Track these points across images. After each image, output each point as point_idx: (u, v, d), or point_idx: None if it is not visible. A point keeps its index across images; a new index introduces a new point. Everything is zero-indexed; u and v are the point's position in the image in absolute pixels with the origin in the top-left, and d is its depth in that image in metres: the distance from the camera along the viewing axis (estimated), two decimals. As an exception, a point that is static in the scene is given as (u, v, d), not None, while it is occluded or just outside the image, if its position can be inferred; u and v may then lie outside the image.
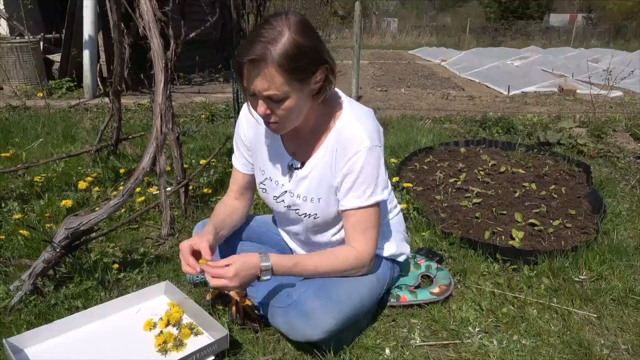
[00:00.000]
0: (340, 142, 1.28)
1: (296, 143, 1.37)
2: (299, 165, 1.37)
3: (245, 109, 1.44)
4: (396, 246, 1.53)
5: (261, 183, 1.47)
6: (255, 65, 1.12)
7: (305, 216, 1.40)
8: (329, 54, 1.21)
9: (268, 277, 1.26)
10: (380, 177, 1.30)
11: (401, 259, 1.57)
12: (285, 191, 1.41)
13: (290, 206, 1.42)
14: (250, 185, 1.54)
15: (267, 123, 1.25)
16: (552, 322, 1.54)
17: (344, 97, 1.34)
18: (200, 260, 1.24)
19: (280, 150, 1.40)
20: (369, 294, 1.42)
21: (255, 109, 1.22)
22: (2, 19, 5.83)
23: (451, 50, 14.63)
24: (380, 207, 1.35)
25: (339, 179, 1.30)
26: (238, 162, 1.53)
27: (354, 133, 1.26)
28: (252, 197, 1.60)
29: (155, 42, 1.95)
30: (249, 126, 1.45)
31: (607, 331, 1.51)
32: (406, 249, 1.59)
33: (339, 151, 1.28)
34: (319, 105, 1.29)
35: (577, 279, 1.77)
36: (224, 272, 1.19)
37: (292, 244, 1.60)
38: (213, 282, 1.21)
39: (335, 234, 1.44)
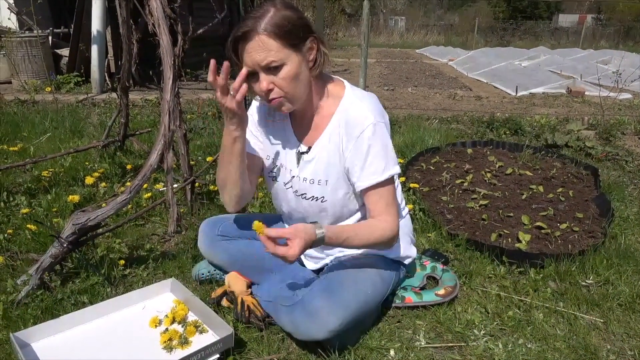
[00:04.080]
0: (346, 123, 1.32)
1: (303, 129, 1.40)
2: (305, 150, 1.39)
3: (254, 103, 1.48)
4: (403, 248, 1.53)
5: (271, 171, 1.48)
6: (247, 38, 1.19)
7: (313, 199, 1.40)
8: (315, 28, 1.27)
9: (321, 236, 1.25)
10: (390, 151, 1.33)
11: (407, 261, 1.57)
12: (294, 176, 1.42)
13: (297, 191, 1.43)
14: (254, 168, 1.48)
15: (272, 101, 1.26)
16: (558, 326, 1.53)
17: (346, 83, 1.39)
18: (261, 229, 1.20)
19: (290, 138, 1.42)
20: (373, 295, 1.42)
21: (257, 91, 1.25)
22: (11, 13, 5.85)
23: (459, 49, 14.54)
24: (395, 180, 1.38)
25: (348, 158, 1.32)
26: (249, 144, 1.50)
27: (358, 112, 1.31)
28: (256, 183, 1.52)
29: (165, 40, 1.95)
30: (260, 111, 1.47)
31: (614, 337, 1.49)
32: (413, 253, 1.58)
33: (346, 131, 1.31)
34: (322, 89, 1.34)
35: (583, 283, 1.76)
36: (285, 252, 1.18)
37: None
38: (270, 250, 1.20)
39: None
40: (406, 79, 8.40)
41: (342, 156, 1.34)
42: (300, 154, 1.40)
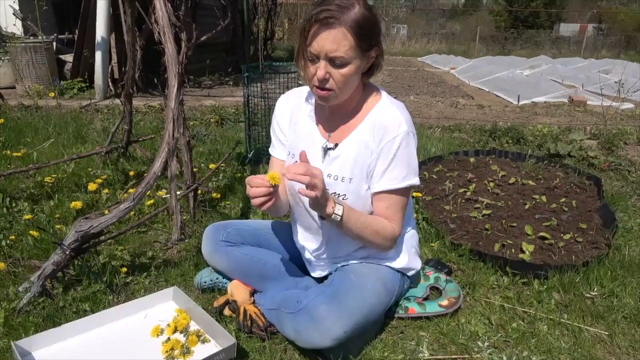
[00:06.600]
0: (379, 124, 1.34)
1: (331, 125, 1.41)
2: (332, 146, 1.39)
3: (282, 98, 1.50)
4: (408, 259, 1.52)
5: None
6: (327, 25, 1.17)
7: (334, 195, 1.38)
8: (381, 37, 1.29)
9: (339, 213, 1.26)
10: (413, 162, 1.36)
11: (411, 273, 1.57)
12: None
13: None
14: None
15: (320, 89, 1.27)
16: (562, 338, 1.52)
17: (383, 91, 1.41)
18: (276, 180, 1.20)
19: (315, 134, 1.42)
20: (377, 304, 1.42)
21: (311, 75, 1.25)
22: (17, 19, 5.89)
23: (460, 58, 14.57)
24: (411, 192, 1.40)
25: (374, 158, 1.34)
26: (277, 150, 1.53)
27: (394, 117, 1.33)
28: None
29: (170, 47, 1.96)
30: (285, 113, 1.48)
31: (619, 350, 1.48)
32: (417, 264, 1.58)
33: (378, 132, 1.34)
34: (360, 90, 1.37)
35: (588, 295, 1.75)
36: (316, 171, 1.17)
37: (308, 244, 1.55)
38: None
39: None
40: (408, 87, 8.42)
41: (369, 154, 1.35)
42: (326, 150, 1.40)
